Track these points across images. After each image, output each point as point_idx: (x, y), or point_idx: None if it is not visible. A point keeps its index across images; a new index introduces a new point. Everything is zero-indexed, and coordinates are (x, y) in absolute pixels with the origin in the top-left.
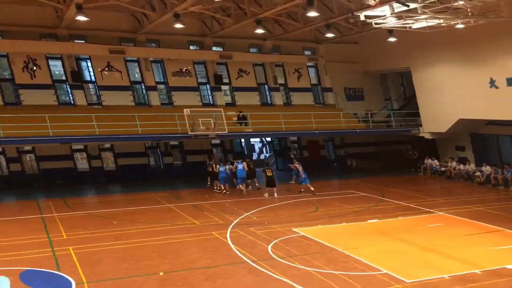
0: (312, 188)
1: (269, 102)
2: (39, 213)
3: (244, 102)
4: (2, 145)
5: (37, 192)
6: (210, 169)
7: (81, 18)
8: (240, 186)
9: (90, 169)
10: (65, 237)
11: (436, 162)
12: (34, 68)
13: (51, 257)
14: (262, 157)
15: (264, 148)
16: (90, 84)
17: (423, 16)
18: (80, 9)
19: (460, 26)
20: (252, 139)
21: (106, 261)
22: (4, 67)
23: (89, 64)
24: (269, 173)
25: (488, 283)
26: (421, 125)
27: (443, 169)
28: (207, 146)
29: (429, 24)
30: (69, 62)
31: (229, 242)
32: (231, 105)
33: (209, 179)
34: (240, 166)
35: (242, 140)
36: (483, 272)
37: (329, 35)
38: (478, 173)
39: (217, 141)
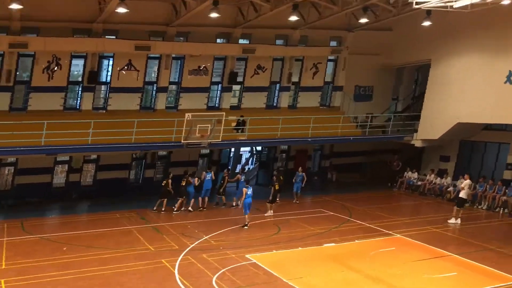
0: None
1: (275, 104)
2: None
3: (250, 104)
4: None
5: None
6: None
7: (121, 10)
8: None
9: (66, 184)
10: (3, 266)
11: (415, 175)
12: (55, 68)
13: None
14: (246, 168)
15: (250, 159)
16: (102, 86)
17: None
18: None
19: (507, 1)
20: (242, 149)
21: None
22: (26, 68)
23: (111, 62)
24: (277, 187)
25: None
26: (416, 131)
27: (419, 183)
28: (194, 156)
29: (473, 1)
30: (92, 60)
31: (176, 272)
32: (236, 107)
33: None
34: (208, 177)
35: (232, 150)
36: None
37: (364, 20)
38: (450, 188)
39: (206, 151)
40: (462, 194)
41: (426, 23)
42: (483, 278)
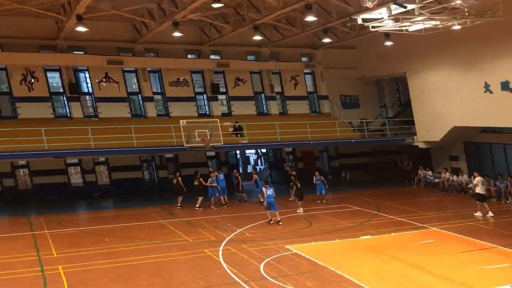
0: (278, 219)
1: (265, 111)
2: (30, 230)
3: (240, 112)
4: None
5: (30, 208)
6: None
7: (81, 29)
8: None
9: (84, 184)
10: (55, 255)
11: (430, 173)
12: (32, 80)
13: (39, 276)
14: (257, 169)
15: (259, 160)
16: (87, 96)
17: (420, 18)
18: (80, 20)
19: (457, 27)
20: (247, 151)
21: (95, 281)
22: (2, 80)
23: (87, 75)
24: (299, 185)
25: None
26: (415, 134)
27: (436, 180)
28: (202, 158)
29: (426, 26)
30: (67, 73)
31: (221, 260)
32: (227, 115)
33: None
34: (221, 176)
35: (238, 152)
36: None
37: (326, 40)
38: (470, 185)
39: (212, 153)
40: (478, 190)
41: (388, 43)
42: None
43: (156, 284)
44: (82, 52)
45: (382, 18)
